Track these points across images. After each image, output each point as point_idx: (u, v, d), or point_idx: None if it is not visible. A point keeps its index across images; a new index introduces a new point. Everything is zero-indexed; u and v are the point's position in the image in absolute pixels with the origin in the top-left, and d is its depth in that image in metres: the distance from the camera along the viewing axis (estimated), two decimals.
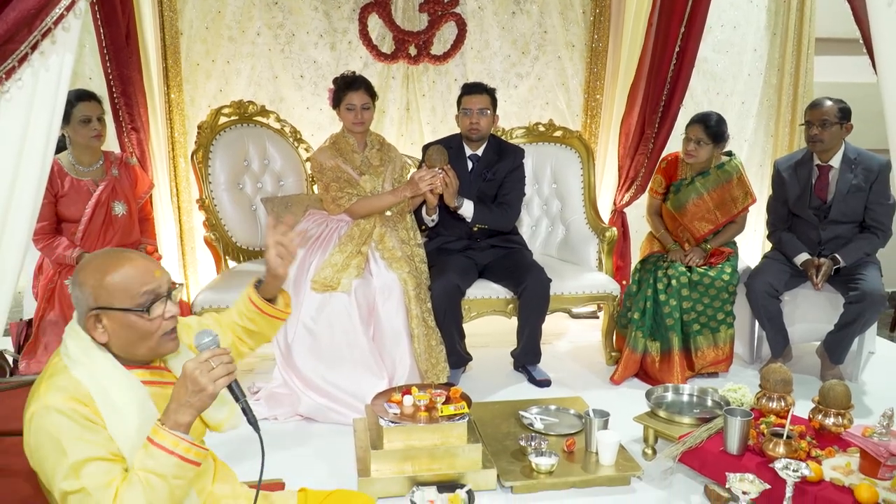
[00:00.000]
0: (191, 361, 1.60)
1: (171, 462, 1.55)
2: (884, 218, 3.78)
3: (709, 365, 3.88)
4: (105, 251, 1.73)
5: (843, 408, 2.73)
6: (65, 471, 1.50)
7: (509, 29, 4.70)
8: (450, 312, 3.62)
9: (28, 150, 2.33)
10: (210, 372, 1.59)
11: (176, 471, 1.56)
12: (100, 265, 1.65)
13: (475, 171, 3.90)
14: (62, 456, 1.50)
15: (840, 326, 3.73)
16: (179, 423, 1.58)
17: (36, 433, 1.53)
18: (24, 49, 2.23)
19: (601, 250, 4.23)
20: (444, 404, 2.85)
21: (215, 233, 3.94)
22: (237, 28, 4.39)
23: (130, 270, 1.65)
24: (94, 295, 1.63)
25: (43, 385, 1.59)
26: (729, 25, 4.83)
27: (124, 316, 1.63)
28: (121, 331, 1.65)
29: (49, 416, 1.52)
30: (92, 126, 3.38)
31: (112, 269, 1.64)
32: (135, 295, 1.64)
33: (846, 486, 2.41)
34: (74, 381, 1.59)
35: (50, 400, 1.54)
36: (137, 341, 1.67)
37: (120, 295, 1.63)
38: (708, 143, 3.82)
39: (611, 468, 2.83)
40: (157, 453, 1.55)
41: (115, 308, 1.63)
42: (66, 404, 1.54)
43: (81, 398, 1.56)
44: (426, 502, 2.61)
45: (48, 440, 1.52)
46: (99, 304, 1.62)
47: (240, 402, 1.69)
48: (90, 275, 1.64)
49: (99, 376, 1.61)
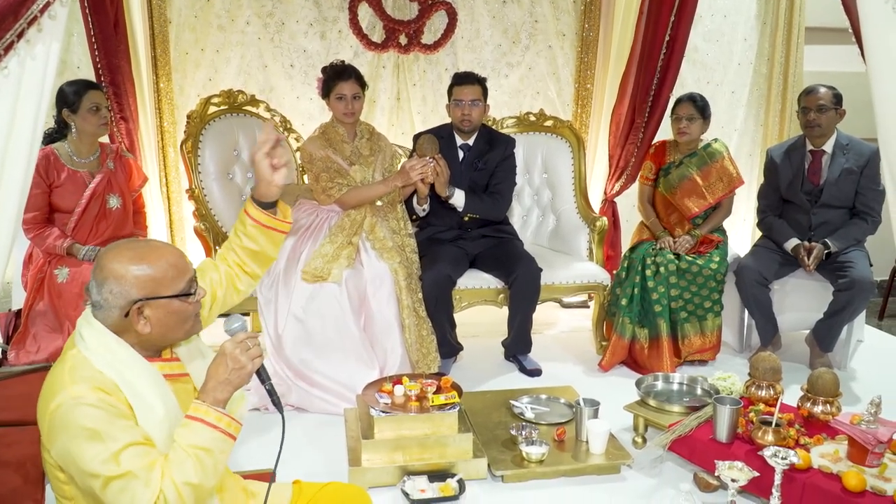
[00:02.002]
0: (228, 342, 1.69)
1: (215, 436, 1.62)
2: (874, 203, 3.81)
3: (695, 352, 3.90)
4: (126, 243, 1.73)
5: (832, 396, 2.75)
6: (104, 457, 1.51)
7: (500, 18, 4.68)
8: (441, 302, 3.62)
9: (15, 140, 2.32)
10: (248, 351, 1.68)
11: (220, 445, 1.63)
12: (134, 257, 1.66)
13: (466, 160, 3.90)
14: (98, 444, 1.52)
15: (829, 315, 3.75)
16: (218, 399, 1.65)
17: (64, 425, 1.54)
18: (9, 37, 2.22)
19: (592, 240, 4.24)
20: (434, 394, 2.85)
21: (205, 223, 3.92)
22: (226, 17, 4.36)
23: (170, 258, 1.70)
24: (139, 286, 1.64)
25: (67, 376, 1.59)
26: (719, 14, 4.83)
27: (170, 303, 1.67)
28: (165, 318, 1.68)
29: (78, 408, 1.53)
30: (101, 114, 3.38)
31: (153, 260, 1.67)
32: (179, 281, 1.69)
33: (834, 474, 2.43)
34: (98, 372, 1.60)
35: (77, 391, 1.55)
36: (177, 326, 1.71)
37: (167, 283, 1.67)
38: (698, 119, 3.92)
39: (601, 457, 2.85)
40: (202, 429, 1.61)
41: (161, 297, 1.66)
42: (95, 395, 1.56)
43: (108, 389, 1.59)
44: (417, 491, 2.61)
45: (80, 431, 1.52)
46: (145, 295, 1.65)
47: (266, 383, 1.78)
48: (127, 268, 1.65)
49: (121, 368, 1.63)
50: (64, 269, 3.29)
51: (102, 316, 1.67)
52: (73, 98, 3.31)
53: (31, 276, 3.37)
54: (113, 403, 1.57)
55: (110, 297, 1.64)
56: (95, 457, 1.51)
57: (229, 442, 1.65)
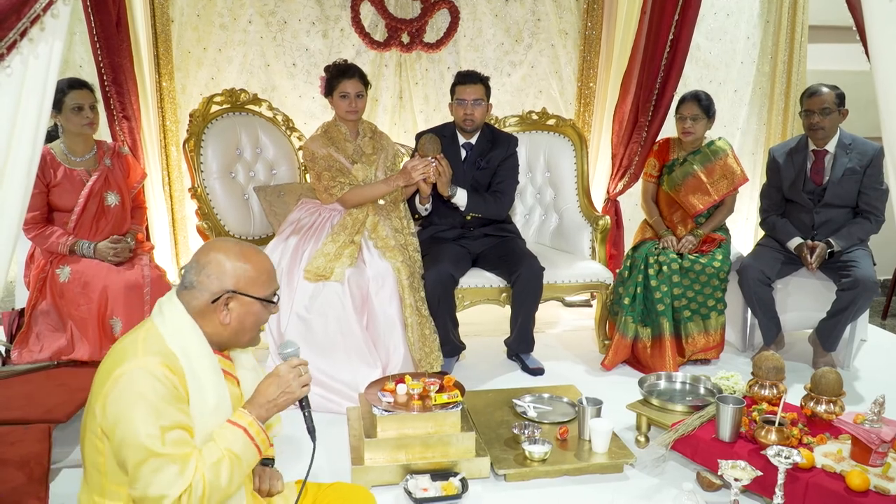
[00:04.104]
0: (283, 365, 1.83)
1: (250, 448, 1.72)
2: (877, 203, 3.80)
3: (699, 351, 3.90)
4: (233, 241, 1.85)
5: (835, 395, 2.75)
6: (152, 431, 1.57)
7: (502, 17, 4.68)
8: (443, 301, 3.62)
9: (17, 139, 2.31)
10: (300, 378, 1.82)
11: (251, 458, 1.72)
12: (240, 254, 1.78)
13: (469, 159, 3.89)
14: (152, 416, 1.58)
15: (832, 314, 3.75)
16: (262, 416, 1.76)
17: (127, 390, 1.60)
18: (12, 36, 2.21)
19: (594, 239, 4.23)
20: (437, 393, 2.85)
21: (208, 222, 3.92)
22: (229, 15, 4.37)
23: (268, 265, 1.82)
24: (236, 279, 1.76)
25: (140, 345, 1.66)
26: (722, 13, 4.83)
27: (254, 303, 1.78)
28: (245, 317, 1.78)
29: (145, 378, 1.60)
30: (84, 114, 3.34)
31: (254, 261, 1.79)
32: (268, 288, 1.81)
33: (837, 473, 2.42)
34: (170, 352, 1.68)
35: (148, 363, 1.62)
36: (250, 328, 1.81)
37: (261, 285, 1.79)
38: (703, 118, 3.92)
39: (604, 456, 2.84)
40: (242, 437, 1.70)
41: (251, 296, 1.77)
42: (162, 370, 1.63)
43: (175, 369, 1.66)
44: (420, 490, 2.61)
45: (139, 399, 1.59)
46: (238, 289, 1.76)
47: (305, 410, 1.89)
48: (234, 260, 1.77)
49: (191, 354, 1.71)
50: (66, 268, 3.28)
51: (189, 297, 1.75)
52: (56, 97, 3.23)
53: (33, 275, 3.37)
54: (175, 384, 1.64)
55: (206, 281, 1.75)
56: (144, 426, 1.57)
57: (258, 458, 1.75)
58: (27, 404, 2.65)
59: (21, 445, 2.41)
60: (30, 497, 2.32)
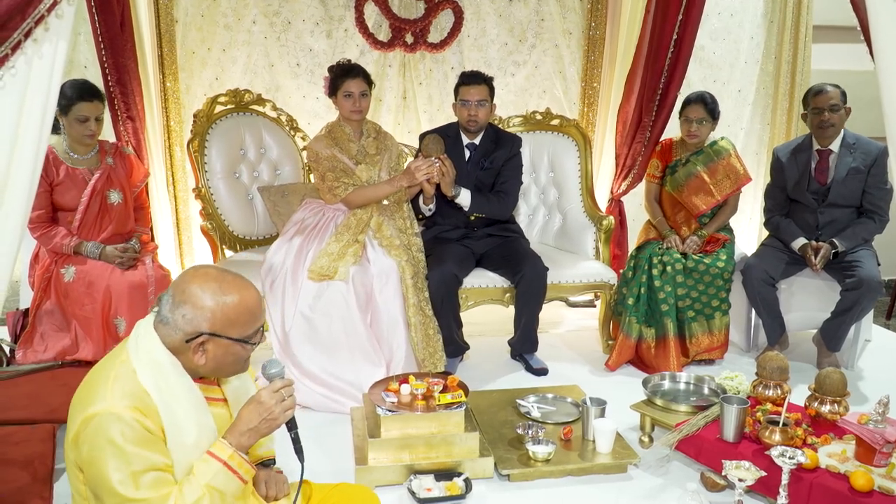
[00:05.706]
0: (265, 390, 1.73)
1: (232, 481, 1.66)
2: (881, 202, 3.80)
3: (703, 351, 3.89)
4: (215, 271, 1.73)
5: (840, 395, 2.74)
6: (123, 477, 1.54)
7: (506, 17, 4.68)
8: (447, 301, 3.62)
9: (22, 139, 2.33)
10: (282, 402, 1.72)
11: (234, 489, 1.67)
12: (218, 290, 1.67)
13: (472, 159, 3.89)
14: (122, 462, 1.54)
15: (836, 314, 3.74)
16: (243, 444, 1.69)
17: (95, 436, 1.56)
18: (17, 36, 2.22)
19: (598, 239, 4.23)
20: (441, 393, 2.86)
21: (212, 222, 3.92)
22: (233, 16, 4.37)
23: (250, 303, 1.70)
24: (211, 321, 1.65)
25: (110, 386, 1.60)
26: (726, 13, 4.81)
27: (231, 345, 1.69)
28: (222, 357, 1.70)
29: (114, 423, 1.55)
30: (87, 126, 3.34)
31: (233, 299, 1.67)
32: (249, 328, 1.71)
33: (842, 473, 2.42)
34: (141, 391, 1.61)
35: (116, 407, 1.56)
36: (229, 365, 1.74)
37: (239, 327, 1.68)
38: (709, 122, 3.92)
39: (607, 456, 2.84)
40: (222, 471, 1.64)
41: (227, 337, 1.68)
42: (131, 414, 1.57)
43: (146, 410, 1.59)
44: (423, 490, 2.61)
45: (109, 445, 1.54)
46: (214, 331, 1.66)
47: (292, 431, 1.80)
48: (210, 298, 1.65)
49: (164, 389, 1.63)
50: (70, 268, 3.29)
51: (165, 332, 1.67)
52: (64, 102, 3.23)
53: (37, 275, 3.38)
54: (147, 426, 1.58)
55: (181, 321, 1.66)
56: (115, 473, 1.53)
57: (241, 487, 1.69)
58: (31, 404, 2.66)
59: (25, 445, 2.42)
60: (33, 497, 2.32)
